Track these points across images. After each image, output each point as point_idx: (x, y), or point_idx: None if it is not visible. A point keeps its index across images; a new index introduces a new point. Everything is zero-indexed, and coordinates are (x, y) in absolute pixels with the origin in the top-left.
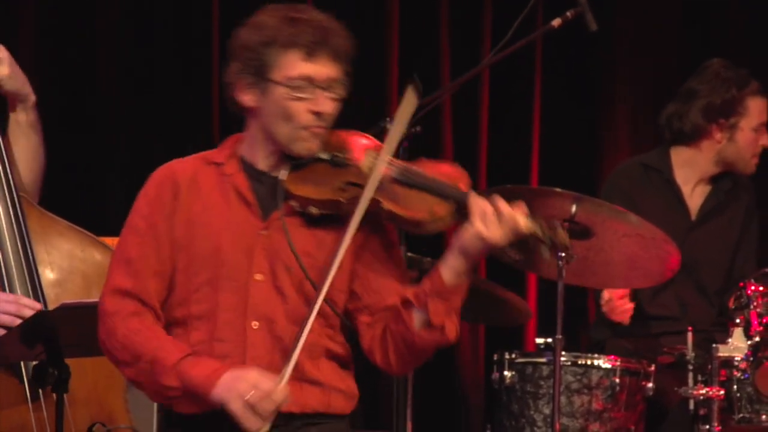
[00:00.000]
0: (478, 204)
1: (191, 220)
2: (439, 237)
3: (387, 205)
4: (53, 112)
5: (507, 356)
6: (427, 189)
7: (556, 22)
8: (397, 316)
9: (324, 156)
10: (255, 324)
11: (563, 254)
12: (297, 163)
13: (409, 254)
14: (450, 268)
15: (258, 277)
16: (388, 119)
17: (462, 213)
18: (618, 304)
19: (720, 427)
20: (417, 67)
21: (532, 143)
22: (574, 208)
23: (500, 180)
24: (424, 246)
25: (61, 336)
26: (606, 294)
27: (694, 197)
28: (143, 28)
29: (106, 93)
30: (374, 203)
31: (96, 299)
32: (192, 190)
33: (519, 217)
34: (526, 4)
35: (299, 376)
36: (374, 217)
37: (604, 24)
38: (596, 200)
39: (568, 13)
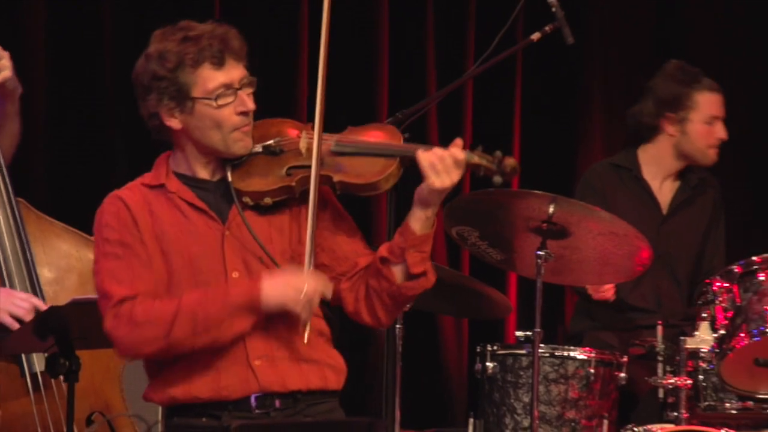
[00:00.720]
0: (424, 158)
1: (158, 238)
2: None
3: (338, 177)
4: (54, 117)
5: (489, 348)
6: (370, 153)
7: (535, 36)
8: (378, 274)
9: (257, 149)
10: None
11: (511, 175)
12: (236, 162)
13: None
14: (418, 220)
15: (234, 274)
16: (400, 113)
17: (406, 163)
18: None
19: (687, 414)
20: (405, 77)
21: (512, 148)
22: (551, 209)
23: (483, 184)
24: None
25: (71, 329)
26: None
27: (664, 192)
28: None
29: (107, 97)
30: (325, 179)
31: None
32: (146, 214)
33: (459, 155)
34: (508, 19)
35: (297, 357)
36: (322, 192)
37: (581, 37)
38: (572, 201)
39: (547, 28)
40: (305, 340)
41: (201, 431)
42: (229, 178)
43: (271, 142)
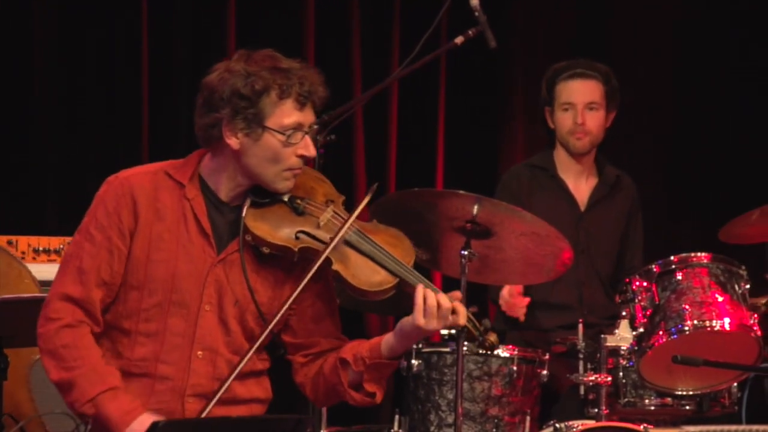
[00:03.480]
0: (421, 297)
1: (151, 240)
2: None
3: (337, 266)
4: None
5: (414, 346)
6: (377, 261)
7: (458, 39)
8: (333, 370)
9: (285, 198)
10: (200, 353)
11: (488, 349)
12: (258, 201)
13: None
14: (389, 347)
15: (207, 308)
16: (326, 114)
17: (403, 287)
18: (515, 301)
19: (607, 410)
20: (331, 79)
21: (437, 149)
22: (475, 209)
23: (408, 183)
24: None
25: None
26: (505, 292)
27: (581, 190)
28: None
29: (38, 97)
30: (326, 261)
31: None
32: (152, 209)
33: (459, 312)
34: (432, 23)
35: (230, 398)
36: (322, 272)
37: (503, 41)
38: (496, 201)
39: (470, 32)
40: None
41: None
42: (244, 212)
43: (299, 199)
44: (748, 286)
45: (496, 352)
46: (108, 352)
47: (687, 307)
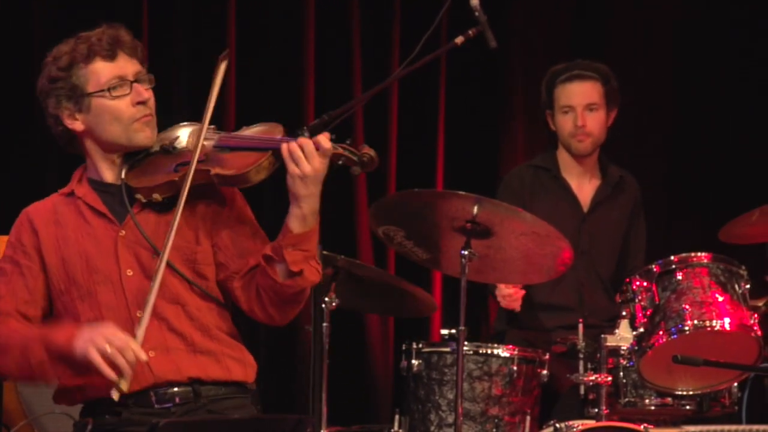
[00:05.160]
0: (285, 148)
1: (58, 245)
2: (352, 236)
3: (214, 170)
4: None
5: (414, 346)
6: (246, 147)
7: (458, 39)
8: (264, 272)
9: (155, 149)
10: (139, 313)
11: (368, 164)
12: (133, 161)
13: (324, 252)
14: (294, 218)
15: (129, 272)
16: (326, 114)
17: (278, 156)
18: (511, 291)
19: (607, 410)
20: (331, 79)
21: (437, 150)
22: (475, 209)
23: (408, 183)
24: (338, 246)
25: None
26: (504, 288)
27: (584, 191)
28: None
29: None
30: (204, 174)
31: None
32: (51, 221)
33: (323, 142)
34: (432, 23)
35: (192, 348)
36: (212, 187)
37: (503, 41)
38: (496, 201)
39: (470, 32)
40: (115, 398)
41: (106, 426)
42: (123, 175)
43: (169, 144)
44: (748, 286)
45: (496, 352)
46: (67, 369)
47: (687, 307)
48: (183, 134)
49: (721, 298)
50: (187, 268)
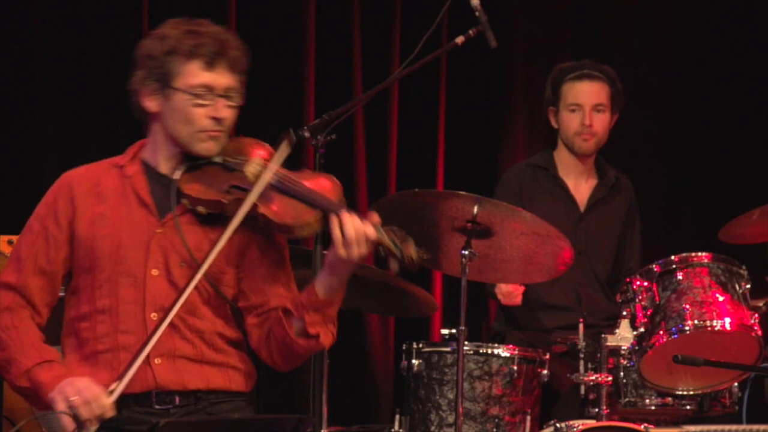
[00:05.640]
0: (336, 228)
1: (94, 220)
2: None
3: (262, 209)
4: None
5: (415, 346)
6: (299, 197)
7: (459, 39)
8: (279, 323)
9: (217, 160)
10: (153, 315)
11: (409, 266)
12: (192, 164)
13: (325, 252)
14: (322, 284)
15: (154, 272)
16: (327, 114)
17: (327, 218)
18: (512, 288)
19: (608, 410)
20: (332, 78)
21: (437, 150)
22: (475, 209)
23: (409, 184)
24: None
25: None
26: (504, 287)
27: (581, 190)
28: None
29: (38, 96)
30: (252, 206)
31: None
32: (92, 194)
33: (368, 229)
34: (432, 22)
35: (200, 359)
36: (257, 221)
37: (504, 41)
38: (496, 201)
39: (471, 31)
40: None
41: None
42: (176, 176)
43: (232, 160)
44: (748, 286)
45: (496, 352)
46: (73, 348)
47: (687, 306)
48: (249, 154)
49: (721, 298)
50: (210, 283)
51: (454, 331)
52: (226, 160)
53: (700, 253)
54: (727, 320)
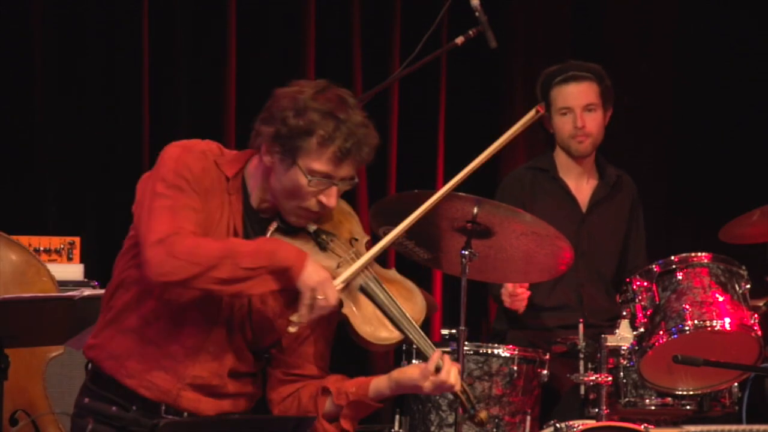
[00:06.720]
0: (433, 366)
1: (211, 217)
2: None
3: (346, 310)
4: None
5: (414, 345)
6: (387, 313)
7: (459, 39)
8: (311, 397)
9: (311, 230)
10: (211, 348)
11: (477, 425)
12: (285, 228)
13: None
14: (377, 391)
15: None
16: None
17: (407, 343)
18: (518, 290)
19: (608, 410)
20: (331, 79)
21: (437, 150)
22: (475, 210)
23: (408, 183)
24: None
25: None
26: (511, 287)
27: (582, 191)
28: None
29: (38, 96)
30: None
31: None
32: (208, 186)
33: (457, 384)
34: (432, 23)
35: (221, 392)
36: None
37: (503, 41)
38: (495, 202)
39: (471, 32)
40: (289, 330)
41: (111, 420)
42: (268, 234)
43: (324, 233)
44: (748, 286)
45: (496, 352)
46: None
47: (687, 306)
48: (343, 231)
49: (721, 298)
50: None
51: (454, 331)
52: (320, 237)
53: (700, 253)
54: (727, 320)
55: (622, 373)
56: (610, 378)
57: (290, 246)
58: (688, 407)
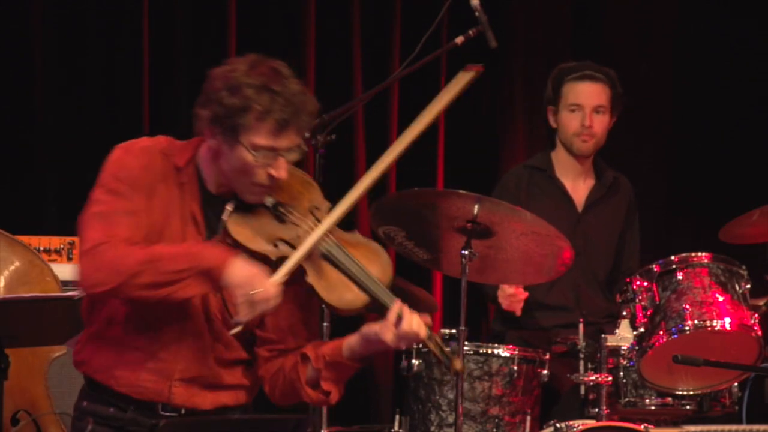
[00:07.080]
0: (394, 316)
1: (161, 211)
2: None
3: (310, 278)
4: None
5: (415, 346)
6: (352, 277)
7: (459, 39)
8: (294, 366)
9: (269, 203)
10: (189, 338)
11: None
12: (243, 205)
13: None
14: (351, 349)
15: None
16: (327, 114)
17: (375, 307)
18: (516, 292)
19: (608, 410)
20: (332, 78)
21: (437, 149)
22: (476, 209)
23: (408, 183)
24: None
25: None
26: (507, 288)
27: (579, 191)
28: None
29: (38, 96)
30: (299, 270)
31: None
32: (151, 182)
33: (422, 331)
34: (432, 22)
35: (215, 383)
36: (300, 277)
37: (503, 41)
38: (496, 201)
39: (471, 31)
40: (233, 332)
41: (110, 421)
42: (225, 215)
43: (282, 205)
44: (748, 286)
45: (496, 352)
46: (103, 333)
47: (687, 306)
48: (303, 201)
49: (721, 298)
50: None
51: (454, 331)
52: (278, 209)
53: (700, 253)
54: (727, 320)
55: (622, 373)
56: (610, 378)
57: (216, 248)
58: (688, 407)
